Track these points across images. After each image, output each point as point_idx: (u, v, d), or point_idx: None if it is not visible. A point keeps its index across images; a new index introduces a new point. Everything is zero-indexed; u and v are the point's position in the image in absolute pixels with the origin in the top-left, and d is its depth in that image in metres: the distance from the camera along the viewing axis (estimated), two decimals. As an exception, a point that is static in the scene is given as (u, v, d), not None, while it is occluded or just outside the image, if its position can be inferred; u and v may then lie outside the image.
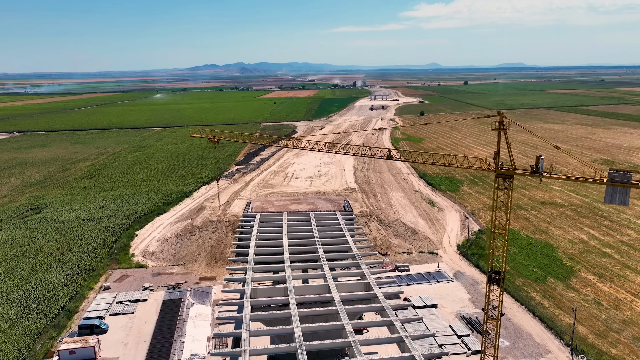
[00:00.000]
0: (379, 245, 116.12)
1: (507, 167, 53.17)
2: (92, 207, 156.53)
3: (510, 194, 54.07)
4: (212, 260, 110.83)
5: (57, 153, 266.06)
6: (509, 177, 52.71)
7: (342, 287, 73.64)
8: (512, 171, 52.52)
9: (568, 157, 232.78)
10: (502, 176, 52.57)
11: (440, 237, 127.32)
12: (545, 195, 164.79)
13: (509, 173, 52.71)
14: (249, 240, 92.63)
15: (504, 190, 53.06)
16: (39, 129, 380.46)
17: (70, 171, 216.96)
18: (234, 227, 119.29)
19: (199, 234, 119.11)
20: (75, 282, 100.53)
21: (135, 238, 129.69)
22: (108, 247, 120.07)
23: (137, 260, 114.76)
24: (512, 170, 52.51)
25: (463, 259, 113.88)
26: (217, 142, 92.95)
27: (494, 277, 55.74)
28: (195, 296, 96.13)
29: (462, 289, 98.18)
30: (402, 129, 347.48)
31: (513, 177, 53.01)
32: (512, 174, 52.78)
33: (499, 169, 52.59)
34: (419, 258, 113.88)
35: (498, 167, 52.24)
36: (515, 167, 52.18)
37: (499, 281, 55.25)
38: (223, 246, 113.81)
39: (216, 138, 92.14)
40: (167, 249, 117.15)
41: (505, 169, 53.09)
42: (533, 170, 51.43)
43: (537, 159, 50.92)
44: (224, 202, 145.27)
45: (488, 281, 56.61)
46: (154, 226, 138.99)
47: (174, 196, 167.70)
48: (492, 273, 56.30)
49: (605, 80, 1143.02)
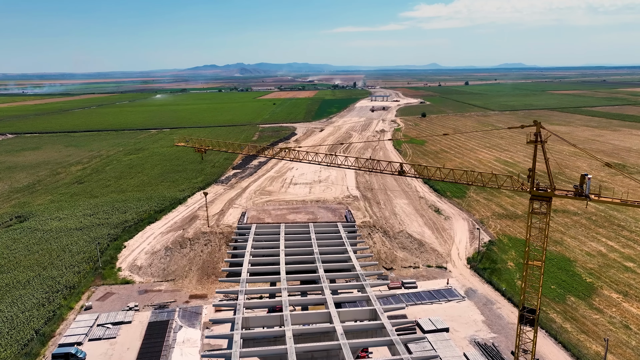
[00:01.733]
0: (383, 259, 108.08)
1: (545, 187, 45.15)
2: (80, 215, 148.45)
3: (548, 219, 46.03)
4: (204, 275, 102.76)
5: (48, 156, 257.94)
6: (546, 199, 44.69)
7: (346, 315, 65.67)
8: (551, 192, 44.52)
9: (577, 161, 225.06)
10: (538, 198, 44.55)
11: (448, 249, 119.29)
12: (557, 202, 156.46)
13: (547, 195, 44.70)
14: (243, 257, 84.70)
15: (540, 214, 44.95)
16: (33, 131, 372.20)
17: (61, 176, 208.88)
18: (227, 239, 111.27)
19: (190, 246, 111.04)
20: (54, 302, 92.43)
21: (123, 250, 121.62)
22: (93, 261, 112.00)
23: (123, 276, 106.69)
24: (550, 192, 44.51)
25: (474, 274, 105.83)
26: (205, 152, 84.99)
27: (527, 317, 47.53)
28: (184, 317, 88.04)
29: (474, 309, 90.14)
30: (404, 130, 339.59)
31: (551, 199, 45.00)
32: (550, 196, 44.81)
33: (534, 190, 44.54)
34: (427, 273, 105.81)
35: (534, 187, 44.21)
36: (554, 187, 44.18)
37: (533, 322, 47.06)
38: (216, 260, 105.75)
39: (203, 148, 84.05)
40: (156, 262, 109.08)
41: (542, 190, 45.07)
42: (577, 192, 43.41)
43: (582, 177, 43.00)
44: (217, 211, 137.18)
45: (520, 321, 48.48)
46: (144, 236, 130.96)
47: (167, 203, 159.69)
48: (524, 312, 48.14)
49: (606, 81, 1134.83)
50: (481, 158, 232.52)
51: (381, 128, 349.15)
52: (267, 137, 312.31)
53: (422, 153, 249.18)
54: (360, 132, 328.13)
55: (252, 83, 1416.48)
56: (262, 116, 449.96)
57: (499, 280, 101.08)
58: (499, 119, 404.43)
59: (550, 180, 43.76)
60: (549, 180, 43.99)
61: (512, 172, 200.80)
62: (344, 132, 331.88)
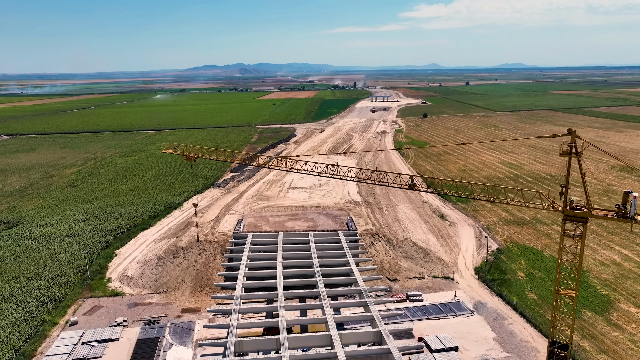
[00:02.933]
0: (387, 269, 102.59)
1: (580, 206, 39.67)
2: (71, 220, 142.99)
3: (583, 242, 40.54)
4: (197, 287, 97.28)
5: (43, 158, 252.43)
6: (582, 220, 39.18)
7: (348, 338, 60.21)
8: (588, 212, 39.07)
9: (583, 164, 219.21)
10: (572, 219, 39.05)
11: (454, 257, 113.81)
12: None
13: (583, 215, 39.22)
14: (238, 270, 79.25)
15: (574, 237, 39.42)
16: (29, 132, 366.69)
17: (54, 179, 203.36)
18: (223, 248, 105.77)
19: (183, 256, 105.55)
20: (37, 317, 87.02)
21: (114, 259, 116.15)
22: (82, 270, 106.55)
23: (113, 287, 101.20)
24: (587, 211, 39.05)
25: (483, 286, 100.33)
26: (194, 160, 79.47)
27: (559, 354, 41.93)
28: (175, 334, 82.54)
29: (485, 325, 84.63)
30: (405, 131, 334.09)
31: (587, 220, 39.49)
32: (587, 216, 39.32)
33: (567, 209, 39.04)
34: (433, 284, 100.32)
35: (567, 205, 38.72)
36: (592, 206, 38.71)
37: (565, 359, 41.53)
38: (210, 271, 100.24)
39: (192, 155, 78.53)
40: (148, 273, 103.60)
41: (577, 209, 39.58)
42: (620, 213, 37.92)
43: (624, 195, 37.59)
44: (213, 218, 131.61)
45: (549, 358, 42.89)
46: (137, 244, 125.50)
47: (162, 208, 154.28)
48: (555, 347, 42.61)
49: (608, 81, 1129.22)
50: (485, 160, 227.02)
51: (382, 129, 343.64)
52: (266, 139, 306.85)
53: (425, 155, 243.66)
54: (361, 134, 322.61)
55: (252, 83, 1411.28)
56: (262, 117, 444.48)
57: (510, 293, 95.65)
58: (502, 119, 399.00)
59: (587, 199, 38.34)
60: (586, 199, 38.56)
61: (517, 175, 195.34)
62: (345, 133, 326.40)
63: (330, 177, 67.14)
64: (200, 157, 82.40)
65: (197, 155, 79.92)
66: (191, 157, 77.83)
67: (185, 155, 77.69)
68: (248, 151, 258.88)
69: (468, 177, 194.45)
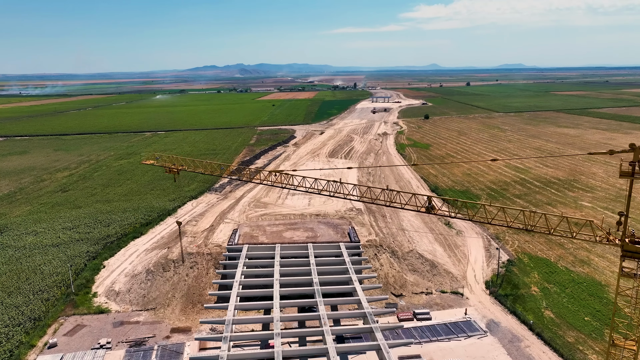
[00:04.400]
0: (392, 283, 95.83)
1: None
2: (59, 228, 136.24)
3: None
4: (189, 304, 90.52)
5: (35, 161, 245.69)
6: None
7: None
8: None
9: (592, 167, 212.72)
10: (635, 256, 32.42)
11: (463, 270, 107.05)
12: (577, 214, 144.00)
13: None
14: (230, 290, 72.54)
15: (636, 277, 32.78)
16: (24, 134, 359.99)
17: (45, 183, 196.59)
18: (216, 260, 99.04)
19: (174, 269, 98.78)
20: (13, 337, 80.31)
21: (101, 270, 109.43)
22: (66, 284, 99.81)
23: (98, 303, 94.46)
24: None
25: (495, 302, 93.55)
26: (177, 172, 72.62)
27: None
28: (163, 358, 75.78)
29: (499, 348, 77.90)
30: (406, 133, 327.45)
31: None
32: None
33: (628, 243, 32.43)
34: (441, 300, 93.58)
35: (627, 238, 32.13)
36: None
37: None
38: (202, 286, 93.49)
39: (176, 168, 71.60)
40: (136, 287, 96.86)
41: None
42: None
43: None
44: (207, 227, 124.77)
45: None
46: (127, 254, 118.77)
47: (155, 214, 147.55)
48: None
49: (609, 82, 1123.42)
50: (490, 163, 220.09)
51: (383, 131, 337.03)
52: (265, 140, 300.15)
53: (428, 158, 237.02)
54: (361, 135, 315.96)
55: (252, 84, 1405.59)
56: (261, 118, 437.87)
57: (524, 310, 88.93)
58: (505, 120, 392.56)
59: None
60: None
61: (524, 179, 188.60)
62: (345, 135, 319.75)
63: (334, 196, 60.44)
64: (184, 169, 75.33)
65: (180, 167, 72.97)
66: (174, 169, 70.99)
67: (168, 167, 70.78)
68: (246, 154, 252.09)
69: (474, 181, 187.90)
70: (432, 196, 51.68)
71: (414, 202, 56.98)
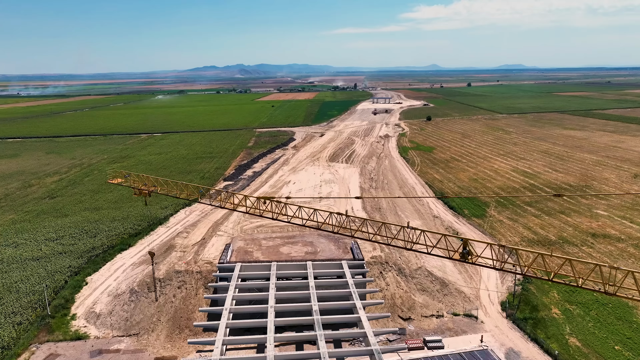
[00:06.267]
0: (399, 305, 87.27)
1: None
2: (41, 239, 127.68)
3: None
4: (175, 329, 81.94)
5: (25, 165, 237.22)
6: None
7: None
8: None
9: (603, 172, 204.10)
10: None
11: (476, 288, 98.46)
12: (593, 224, 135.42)
13: None
14: (219, 320, 64.04)
15: None
16: (17, 136, 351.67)
17: (33, 189, 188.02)
18: (206, 279, 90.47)
19: (160, 289, 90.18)
20: (-23, 371, 71.72)
21: (83, 288, 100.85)
22: (42, 305, 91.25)
23: (76, 327, 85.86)
24: None
25: (513, 327, 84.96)
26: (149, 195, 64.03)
27: None
28: (143, 396, 67.26)
29: (522, 383, 69.32)
30: (409, 135, 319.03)
31: None
32: None
33: None
34: (454, 325, 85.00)
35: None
36: None
37: None
38: (190, 309, 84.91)
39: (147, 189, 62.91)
40: (118, 310, 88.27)
41: None
42: None
43: None
44: (198, 240, 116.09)
45: None
46: (112, 268, 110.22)
47: (145, 224, 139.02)
48: None
49: (611, 82, 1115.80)
50: (497, 168, 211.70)
51: (385, 133, 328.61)
52: (263, 143, 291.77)
53: (432, 162, 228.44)
54: (363, 138, 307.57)
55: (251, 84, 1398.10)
56: (260, 119, 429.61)
57: (547, 337, 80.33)
58: (509, 122, 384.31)
59: None
60: None
61: (533, 185, 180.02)
62: (346, 137, 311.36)
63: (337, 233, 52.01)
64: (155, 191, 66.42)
65: (152, 188, 64.23)
66: (145, 191, 62.18)
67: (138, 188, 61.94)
68: (243, 158, 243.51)
69: (480, 186, 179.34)
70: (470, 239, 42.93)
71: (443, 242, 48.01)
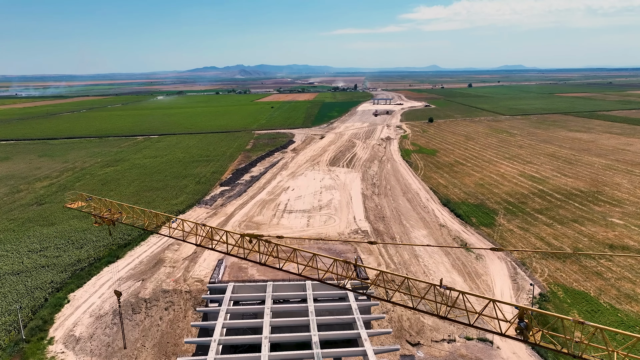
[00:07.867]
0: (406, 328, 79.79)
1: None
2: (24, 251, 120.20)
3: None
4: (161, 355, 74.45)
5: (15, 169, 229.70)
6: None
7: None
8: None
9: (614, 176, 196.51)
10: None
11: (490, 307, 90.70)
12: (610, 234, 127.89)
13: None
14: (206, 353, 56.54)
15: None
16: (10, 138, 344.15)
17: (21, 194, 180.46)
18: (196, 300, 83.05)
19: (145, 311, 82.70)
20: (-63, 408, 64.19)
21: (64, 306, 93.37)
22: (17, 328, 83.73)
23: (53, 353, 78.34)
24: None
25: (532, 354, 77.45)
26: (113, 224, 56.69)
27: None
28: None
29: (547, 423, 61.77)
30: (411, 138, 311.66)
31: None
32: None
33: None
34: (467, 351, 77.51)
35: None
36: None
37: None
38: (178, 333, 77.41)
39: (111, 217, 55.23)
40: (100, 333, 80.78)
41: None
42: None
43: None
44: (189, 255, 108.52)
45: None
46: (98, 284, 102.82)
47: (136, 233, 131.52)
48: None
49: (612, 83, 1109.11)
50: (503, 172, 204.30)
51: (386, 135, 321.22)
52: (262, 146, 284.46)
53: (435, 166, 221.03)
54: (364, 140, 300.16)
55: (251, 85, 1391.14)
56: (259, 121, 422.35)
57: (570, 366, 72.69)
58: (512, 124, 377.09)
59: None
60: None
61: (542, 190, 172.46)
62: (347, 139, 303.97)
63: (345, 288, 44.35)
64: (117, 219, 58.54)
65: (115, 216, 56.65)
66: (107, 219, 54.43)
67: (100, 216, 54.11)
68: (241, 162, 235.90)
69: (488, 192, 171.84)
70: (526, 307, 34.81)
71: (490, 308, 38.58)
